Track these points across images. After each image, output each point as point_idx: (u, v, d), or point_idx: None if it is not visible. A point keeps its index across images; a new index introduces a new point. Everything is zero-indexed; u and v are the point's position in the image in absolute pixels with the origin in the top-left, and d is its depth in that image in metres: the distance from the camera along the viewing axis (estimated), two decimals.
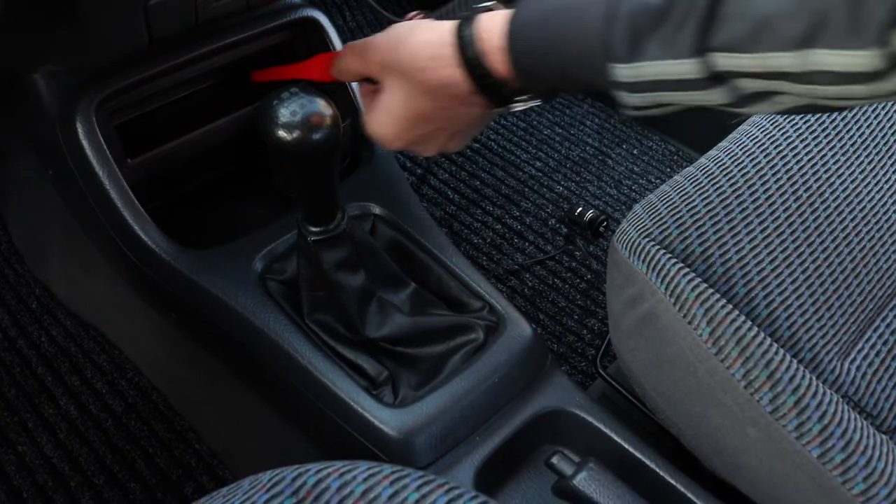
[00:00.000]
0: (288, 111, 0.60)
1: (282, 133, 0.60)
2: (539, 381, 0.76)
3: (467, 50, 0.56)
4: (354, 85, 0.99)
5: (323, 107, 0.62)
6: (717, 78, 0.48)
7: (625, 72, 0.50)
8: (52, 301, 1.13)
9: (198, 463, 1.02)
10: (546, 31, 0.54)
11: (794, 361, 0.65)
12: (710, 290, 0.67)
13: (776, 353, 0.65)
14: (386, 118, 0.62)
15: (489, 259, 1.26)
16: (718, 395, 0.65)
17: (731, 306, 0.67)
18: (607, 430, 0.73)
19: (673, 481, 0.71)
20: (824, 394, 0.64)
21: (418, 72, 0.59)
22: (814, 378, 0.65)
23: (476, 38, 0.56)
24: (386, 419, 0.70)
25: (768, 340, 0.66)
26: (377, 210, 0.85)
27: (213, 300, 0.80)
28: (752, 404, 0.63)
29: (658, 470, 0.71)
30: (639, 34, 0.49)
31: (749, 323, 0.66)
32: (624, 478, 0.68)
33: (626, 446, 0.73)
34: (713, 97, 0.49)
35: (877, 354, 0.77)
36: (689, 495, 0.70)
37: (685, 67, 0.48)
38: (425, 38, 0.59)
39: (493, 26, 0.56)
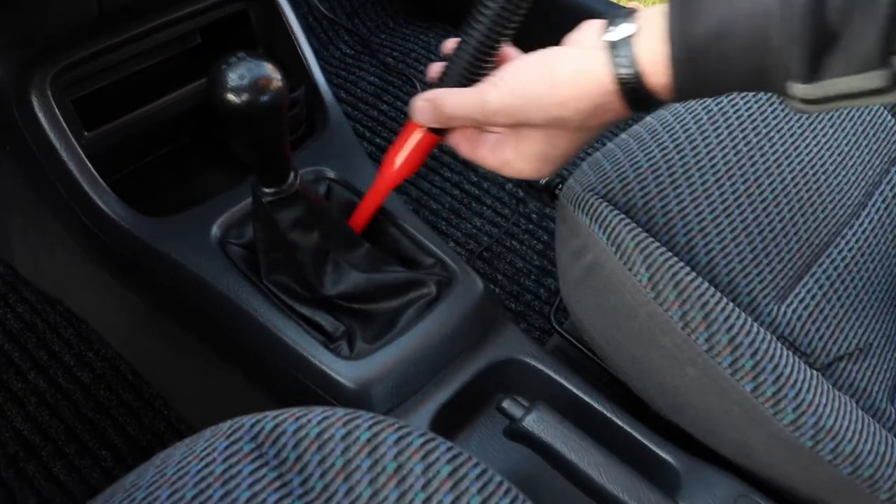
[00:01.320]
0: (236, 75, 0.62)
1: (230, 96, 0.62)
2: (491, 333, 0.78)
3: (634, 94, 0.54)
4: (310, 56, 1.01)
5: (270, 70, 0.64)
6: None
7: (805, 90, 0.48)
8: (16, 279, 1.15)
9: (166, 428, 1.04)
10: (713, 59, 0.50)
11: (730, 303, 0.69)
12: (650, 239, 0.70)
13: (712, 295, 0.68)
14: (538, 163, 0.60)
15: (448, 223, 1.29)
16: (658, 338, 0.68)
17: (669, 253, 0.70)
18: (557, 377, 0.76)
19: (619, 422, 0.74)
20: (757, 333, 0.68)
21: (580, 122, 0.56)
22: (748, 318, 0.68)
23: (641, 80, 0.53)
24: (342, 371, 0.73)
25: (705, 284, 0.69)
26: (332, 174, 0.87)
27: (173, 266, 0.82)
28: (690, 344, 0.66)
29: (605, 412, 0.75)
30: (818, 53, 0.47)
31: (687, 268, 0.69)
32: (573, 421, 0.71)
33: (575, 391, 0.76)
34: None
35: (812, 298, 0.80)
36: (635, 434, 0.73)
37: (873, 80, 0.46)
38: (573, 93, 0.55)
39: (654, 63, 0.52)
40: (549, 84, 0.56)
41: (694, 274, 0.69)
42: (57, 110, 0.84)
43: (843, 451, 0.66)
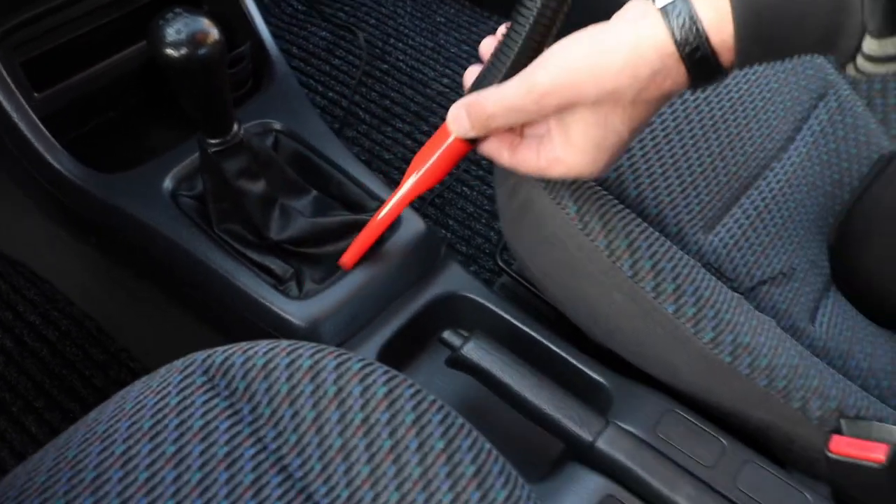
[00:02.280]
0: (173, 30, 0.65)
1: (170, 51, 0.65)
2: (434, 271, 0.83)
3: (695, 55, 0.51)
4: (254, 12, 1.03)
5: (206, 25, 0.67)
6: None
7: (872, 46, 0.46)
8: None
9: (132, 379, 1.07)
10: (780, 22, 0.48)
11: (655, 233, 0.73)
12: None
13: (637, 225, 0.72)
14: (592, 153, 0.57)
15: (400, 172, 1.33)
16: (587, 267, 0.73)
17: (597, 188, 0.74)
18: (496, 309, 0.81)
19: (556, 349, 0.79)
20: (680, 259, 0.72)
21: (636, 93, 0.53)
22: (672, 246, 0.73)
23: (702, 37, 0.50)
24: (292, 310, 0.77)
25: (630, 215, 0.73)
26: (278, 126, 0.91)
27: (128, 219, 0.86)
28: (616, 271, 0.71)
29: (543, 340, 0.79)
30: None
31: (613, 201, 0.73)
32: (513, 350, 0.76)
33: (515, 322, 0.80)
34: None
35: (739, 227, 0.85)
36: (570, 359, 0.78)
37: None
38: (629, 59, 0.52)
39: (716, 20, 0.50)
40: (602, 54, 0.53)
41: (620, 206, 0.73)
42: (5, 73, 0.86)
43: (758, 365, 0.70)
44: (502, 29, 0.61)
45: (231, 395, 0.60)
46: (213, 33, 0.67)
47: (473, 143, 0.65)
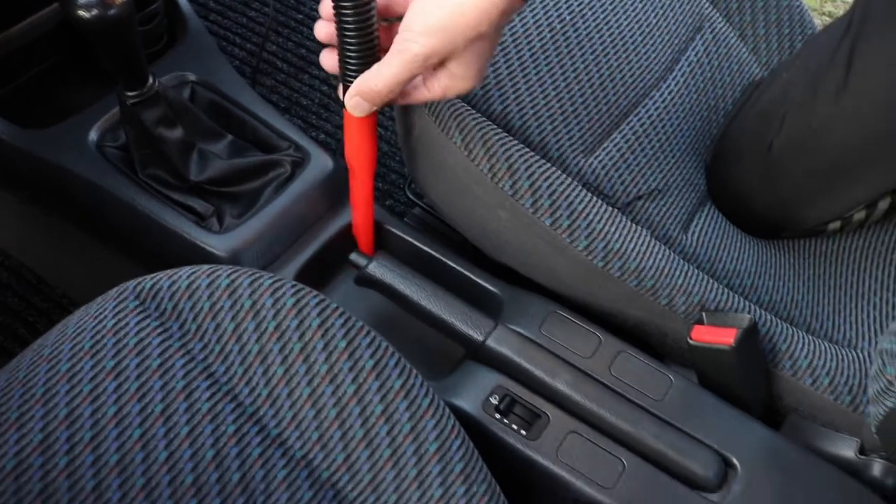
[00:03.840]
0: None
1: (81, 13, 0.72)
2: (343, 201, 0.91)
3: None
4: None
5: None
6: None
7: None
8: None
9: None
10: None
11: (533, 155, 0.81)
12: (465, 107, 0.82)
13: (517, 150, 0.81)
14: (477, 75, 0.66)
15: (318, 117, 1.40)
16: (474, 189, 0.81)
17: (481, 118, 0.82)
18: (399, 232, 0.89)
19: (453, 264, 0.87)
20: (557, 178, 0.81)
21: (496, 27, 0.62)
22: (549, 166, 0.81)
23: None
24: (214, 243, 0.85)
25: (512, 142, 0.81)
26: (193, 77, 0.97)
27: (59, 171, 0.91)
28: (498, 191, 0.79)
29: (442, 258, 0.88)
30: None
31: (495, 129, 0.81)
32: (416, 268, 0.85)
33: (416, 243, 0.89)
34: None
35: (618, 151, 0.94)
36: (466, 273, 0.86)
37: None
38: (483, 7, 0.60)
39: None
40: (459, 12, 0.61)
41: (502, 134, 0.82)
42: None
43: (628, 268, 0.80)
44: (327, 8, 0.68)
45: (161, 315, 0.68)
46: None
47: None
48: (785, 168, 0.95)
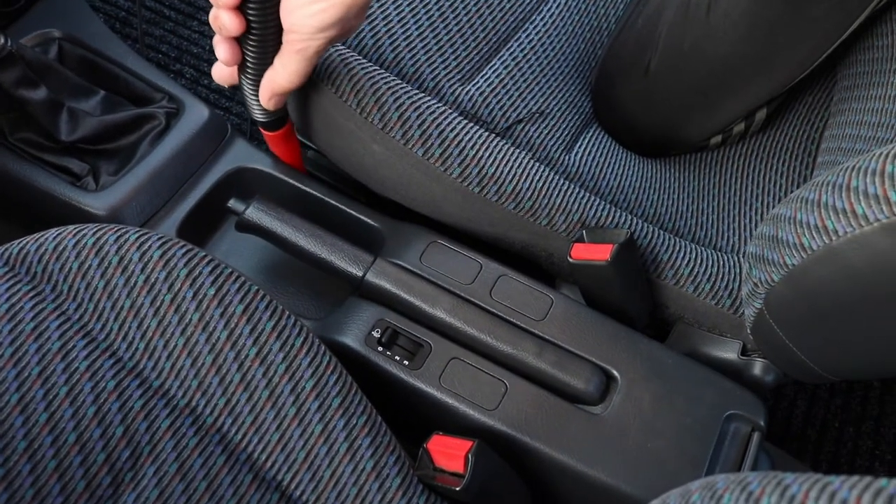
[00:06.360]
0: None
1: None
2: (222, 149, 0.90)
3: None
4: None
5: None
6: None
7: None
8: None
9: None
10: None
11: (402, 86, 0.81)
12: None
13: (385, 82, 0.81)
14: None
15: (209, 65, 1.38)
16: (347, 125, 0.81)
17: (347, 51, 0.81)
18: (279, 174, 0.89)
19: (334, 202, 0.88)
20: (427, 107, 0.81)
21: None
22: (420, 96, 0.82)
23: None
24: (90, 202, 0.84)
25: (380, 74, 0.81)
26: (58, 34, 0.95)
27: None
28: (368, 125, 0.80)
29: (322, 196, 0.88)
30: None
31: (362, 62, 0.81)
32: (298, 210, 0.85)
33: (297, 184, 0.89)
34: None
35: (497, 77, 0.94)
36: (347, 209, 0.87)
37: None
38: (347, 6, 0.66)
39: None
40: (334, 13, 0.67)
41: (368, 66, 0.82)
42: None
43: (504, 191, 0.81)
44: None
45: (32, 280, 0.68)
46: None
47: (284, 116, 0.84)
48: (663, 88, 0.96)
